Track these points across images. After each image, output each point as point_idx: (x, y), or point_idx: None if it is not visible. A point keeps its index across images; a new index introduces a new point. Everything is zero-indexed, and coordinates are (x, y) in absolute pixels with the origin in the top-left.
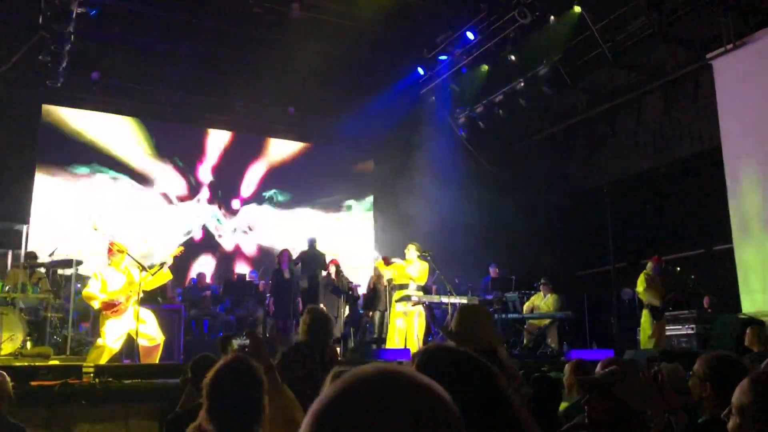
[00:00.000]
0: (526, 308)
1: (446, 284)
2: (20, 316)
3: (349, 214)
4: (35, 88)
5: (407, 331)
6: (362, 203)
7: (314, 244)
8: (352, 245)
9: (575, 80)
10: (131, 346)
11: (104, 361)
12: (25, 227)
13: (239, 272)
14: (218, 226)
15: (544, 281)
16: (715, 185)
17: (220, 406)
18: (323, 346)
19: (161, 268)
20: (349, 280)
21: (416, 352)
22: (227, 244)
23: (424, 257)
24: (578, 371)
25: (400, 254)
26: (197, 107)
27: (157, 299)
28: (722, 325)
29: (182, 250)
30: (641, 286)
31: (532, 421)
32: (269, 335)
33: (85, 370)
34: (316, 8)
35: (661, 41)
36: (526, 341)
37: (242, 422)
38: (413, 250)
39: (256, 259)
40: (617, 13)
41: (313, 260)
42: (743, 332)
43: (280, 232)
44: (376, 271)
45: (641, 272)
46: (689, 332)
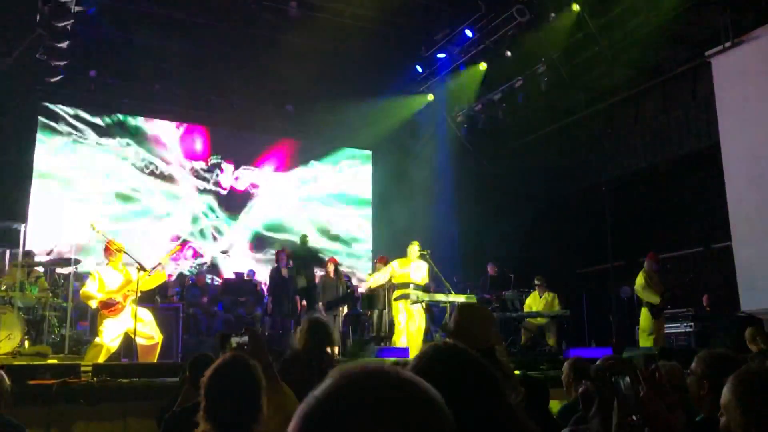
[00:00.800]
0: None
1: (445, 283)
2: (18, 315)
3: (346, 212)
4: (33, 86)
5: (410, 327)
6: (360, 201)
7: (305, 240)
8: (350, 244)
9: (574, 78)
10: (130, 345)
11: (102, 359)
12: (22, 226)
13: (238, 271)
14: (213, 223)
15: (538, 281)
16: (713, 183)
17: (217, 404)
18: (321, 354)
19: (156, 268)
20: (347, 278)
21: (420, 350)
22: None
23: (423, 256)
24: (576, 370)
25: (398, 252)
26: (195, 105)
27: (155, 298)
28: (721, 323)
29: (178, 250)
30: (639, 284)
31: (529, 420)
32: (268, 333)
33: (83, 369)
34: (314, 7)
35: (659, 39)
36: (524, 340)
37: (240, 421)
38: (416, 247)
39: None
40: (616, 11)
41: (305, 256)
42: (742, 330)
43: (275, 228)
44: (375, 270)
45: (640, 270)
46: (688, 330)
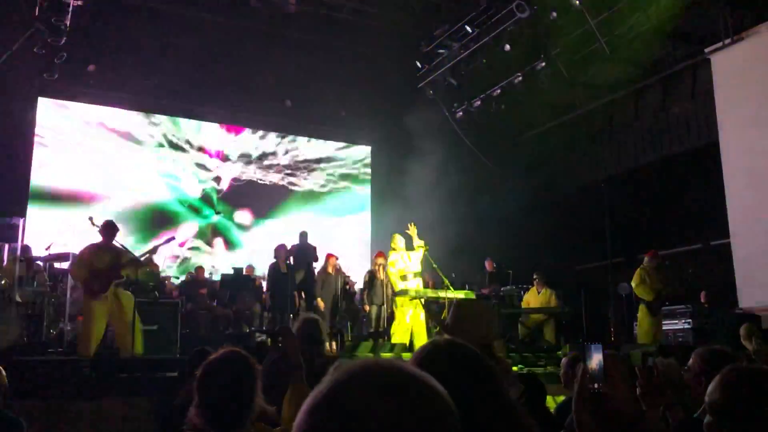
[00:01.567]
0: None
1: (443, 278)
2: (17, 310)
3: (345, 208)
4: (31, 80)
5: (413, 324)
6: (359, 197)
7: (305, 237)
8: (349, 239)
9: (573, 75)
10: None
11: (95, 344)
12: (21, 221)
13: (236, 266)
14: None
15: (536, 277)
16: (712, 180)
17: (209, 400)
18: (311, 352)
19: (143, 256)
20: (346, 274)
21: (420, 346)
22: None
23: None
24: (574, 366)
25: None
26: (193, 100)
27: (154, 293)
28: (719, 319)
29: (164, 243)
30: (635, 281)
31: (527, 415)
32: (266, 329)
33: (82, 363)
34: (313, 2)
35: (659, 35)
36: (522, 336)
37: (231, 418)
38: (400, 237)
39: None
40: (615, 7)
41: (305, 253)
42: (739, 327)
43: (275, 224)
44: (373, 265)
45: (639, 267)
46: (686, 327)
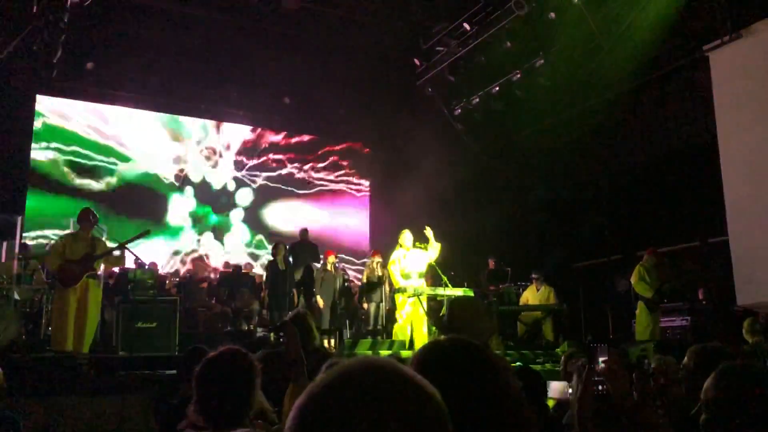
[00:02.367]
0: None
1: (442, 277)
2: (15, 308)
3: (344, 205)
4: (29, 78)
5: (412, 322)
6: (357, 195)
7: (306, 234)
8: (347, 237)
9: (572, 72)
10: (127, 334)
11: (71, 336)
12: (19, 218)
13: (235, 263)
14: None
15: (535, 275)
16: (710, 178)
17: (207, 397)
18: (306, 350)
19: (116, 248)
20: (345, 272)
21: (421, 345)
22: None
23: (419, 248)
24: (573, 362)
25: (396, 245)
26: (192, 97)
27: (151, 291)
28: (717, 316)
29: (138, 237)
30: (634, 278)
31: (531, 411)
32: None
33: (80, 361)
34: None
35: (657, 33)
36: (521, 333)
37: (229, 415)
38: (409, 235)
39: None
40: (614, 4)
41: (305, 251)
42: (737, 324)
43: (273, 222)
44: (370, 263)
45: (637, 264)
46: (684, 324)
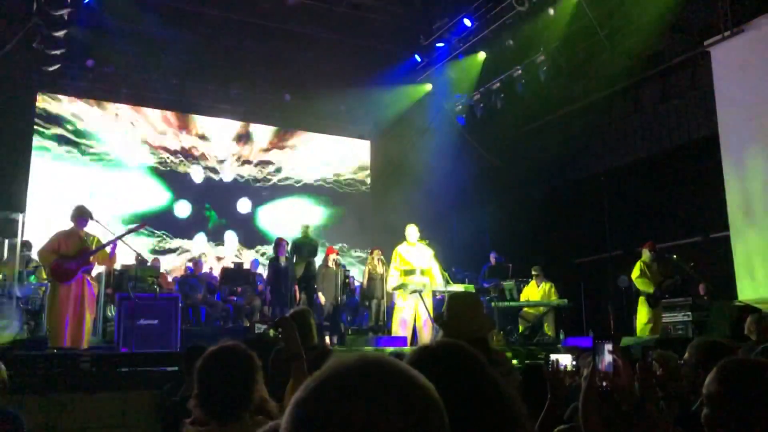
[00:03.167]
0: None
1: (443, 273)
2: (17, 305)
3: (345, 201)
4: (30, 75)
5: (414, 318)
6: (359, 191)
7: (308, 230)
8: (348, 234)
9: (572, 68)
10: (128, 333)
11: (67, 334)
12: (21, 216)
13: (236, 260)
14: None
15: (535, 271)
16: (712, 173)
17: (207, 391)
18: (305, 347)
19: (104, 247)
20: (346, 268)
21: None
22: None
23: (423, 244)
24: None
25: (396, 242)
26: (192, 94)
27: (153, 288)
28: (718, 312)
29: (127, 232)
30: (635, 273)
31: (524, 408)
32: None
33: (82, 357)
34: None
35: (658, 28)
36: (522, 329)
37: (228, 409)
38: (414, 229)
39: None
40: (615, 0)
41: (307, 247)
42: (739, 319)
43: (274, 218)
44: (371, 259)
45: (638, 260)
46: (685, 319)
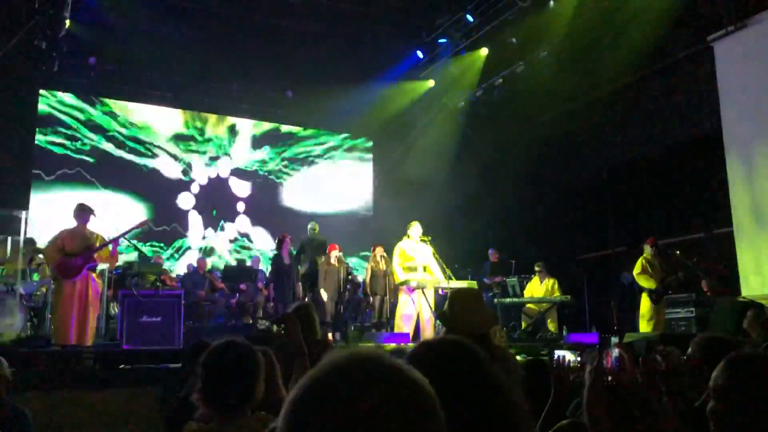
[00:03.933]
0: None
1: (446, 269)
2: (20, 302)
3: (347, 198)
4: (32, 72)
5: (417, 314)
6: (360, 188)
7: (315, 228)
8: (350, 231)
9: (575, 63)
10: (131, 328)
11: (72, 331)
12: (24, 213)
13: (239, 257)
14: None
15: (538, 267)
16: (715, 169)
17: (211, 386)
18: (309, 342)
19: (107, 244)
20: (348, 265)
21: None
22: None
23: (424, 241)
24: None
25: (397, 238)
26: (194, 91)
27: (156, 285)
28: (722, 308)
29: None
30: (637, 270)
31: (524, 404)
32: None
33: (85, 355)
34: None
35: (661, 23)
36: (525, 325)
37: (231, 403)
38: (418, 227)
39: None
40: None
41: (313, 245)
42: (743, 315)
43: (275, 214)
44: (373, 256)
45: (641, 256)
46: (688, 315)
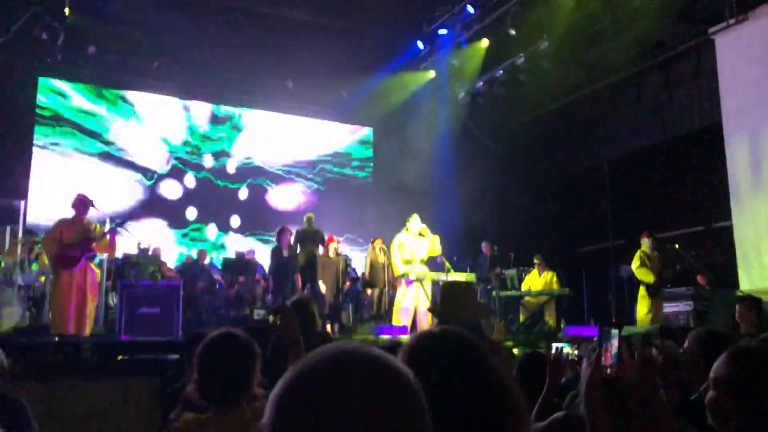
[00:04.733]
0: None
1: (444, 262)
2: (19, 292)
3: (347, 189)
4: (32, 62)
5: (415, 307)
6: (360, 179)
7: (311, 221)
8: (349, 222)
9: (576, 56)
10: (132, 320)
11: (71, 322)
12: (22, 203)
13: (238, 249)
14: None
15: (537, 260)
16: (715, 162)
17: (207, 377)
18: (308, 335)
19: (104, 236)
20: (347, 257)
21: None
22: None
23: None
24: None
25: (396, 230)
26: (194, 81)
27: (155, 276)
28: (719, 302)
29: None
30: (635, 263)
31: (522, 395)
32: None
33: (83, 345)
34: None
35: (662, 16)
36: (523, 318)
37: (228, 395)
38: (417, 219)
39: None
40: None
41: (311, 237)
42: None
43: (276, 206)
44: (372, 248)
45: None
46: (686, 309)
